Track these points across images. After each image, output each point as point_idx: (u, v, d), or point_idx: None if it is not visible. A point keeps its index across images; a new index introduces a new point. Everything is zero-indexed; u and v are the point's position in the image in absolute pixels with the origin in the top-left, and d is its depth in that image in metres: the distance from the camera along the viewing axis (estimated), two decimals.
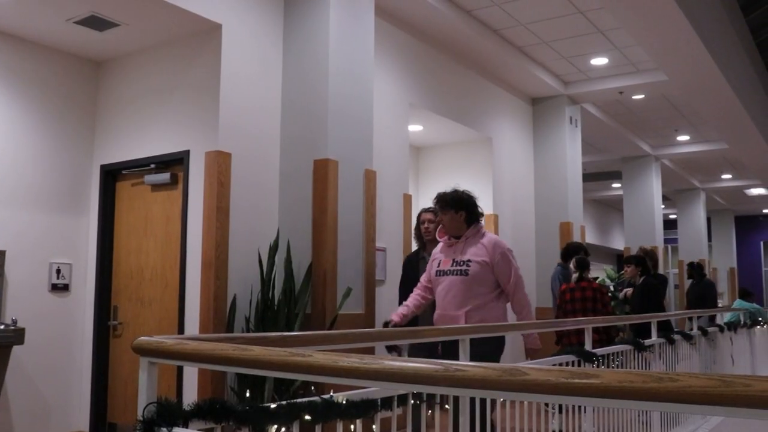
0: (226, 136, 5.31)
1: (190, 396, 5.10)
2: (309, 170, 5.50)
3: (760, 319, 10.27)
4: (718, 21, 8.43)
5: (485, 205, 8.80)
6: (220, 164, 5.20)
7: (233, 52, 5.42)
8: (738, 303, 11.88)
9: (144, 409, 1.76)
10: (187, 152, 5.45)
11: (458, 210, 4.39)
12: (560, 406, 4.55)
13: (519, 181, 9.60)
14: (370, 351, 5.04)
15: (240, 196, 5.35)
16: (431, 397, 2.70)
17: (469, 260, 4.33)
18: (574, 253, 7.64)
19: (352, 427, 2.29)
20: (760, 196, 18.87)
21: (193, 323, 5.21)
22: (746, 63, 10.61)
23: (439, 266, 4.47)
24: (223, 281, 5.13)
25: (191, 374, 5.16)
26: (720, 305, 17.46)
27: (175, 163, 5.59)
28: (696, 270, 10.74)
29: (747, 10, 10.75)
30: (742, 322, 9.01)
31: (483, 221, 4.60)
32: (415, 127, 8.32)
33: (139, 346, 1.77)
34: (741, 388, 1.02)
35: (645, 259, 7.60)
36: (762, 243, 22.41)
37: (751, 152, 12.44)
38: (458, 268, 4.36)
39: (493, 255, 4.34)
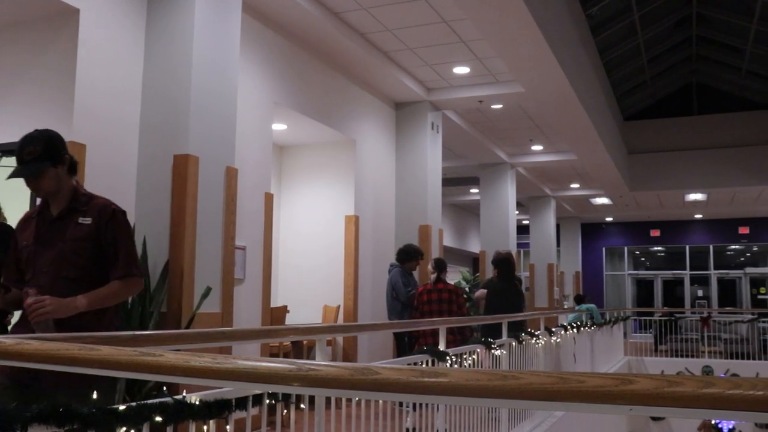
0: (82, 126, 5.06)
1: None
2: (168, 165, 5.34)
3: (595, 320, 10.99)
4: (571, 40, 8.94)
5: (346, 206, 8.87)
6: (73, 156, 4.93)
7: (91, 39, 5.17)
8: (580, 306, 12.73)
9: None
10: None
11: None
12: (414, 405, 4.66)
13: (380, 183, 9.74)
14: (227, 351, 4.96)
15: (94, 189, 5.08)
16: (287, 396, 2.70)
17: None
18: (413, 255, 7.83)
19: (205, 428, 2.25)
20: (603, 205, 20.11)
21: None
22: (594, 81, 11.31)
23: None
24: None
25: None
26: (566, 307, 18.50)
27: None
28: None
29: (596, 32, 11.47)
30: (584, 323, 9.59)
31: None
32: (279, 126, 8.27)
33: None
34: (576, 384, 1.07)
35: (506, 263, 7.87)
36: (604, 249, 23.92)
37: (597, 164, 13.27)
38: None
39: None
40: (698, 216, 21.78)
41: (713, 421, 13.01)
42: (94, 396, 2.34)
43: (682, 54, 14.98)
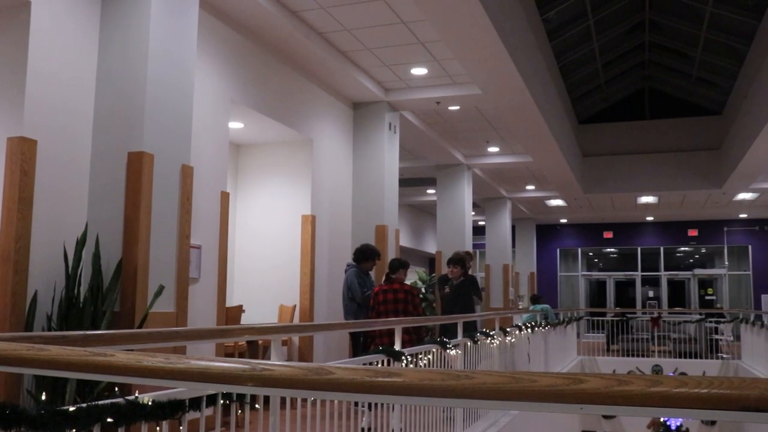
0: (33, 122, 4.95)
1: None
2: (122, 162, 5.25)
3: (552, 320, 11.15)
4: (528, 43, 9.04)
5: (303, 206, 8.85)
6: (24, 152, 4.83)
7: (43, 33, 5.06)
8: (534, 306, 12.91)
9: None
10: None
11: None
12: (369, 404, 4.66)
13: (337, 183, 9.73)
14: (181, 350, 4.90)
15: (45, 186, 5.01)
16: (242, 397, 2.68)
17: None
18: (370, 255, 7.86)
19: (158, 428, 2.22)
20: (558, 207, 20.38)
21: None
22: (550, 84, 11.45)
23: None
24: (22, 276, 4.78)
25: None
26: (521, 307, 18.71)
27: None
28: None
29: (552, 36, 11.63)
30: (539, 322, 9.72)
31: None
32: (235, 124, 8.20)
33: None
34: (528, 384, 1.09)
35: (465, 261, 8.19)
36: (558, 250, 24.24)
37: (552, 166, 13.44)
38: None
39: None
40: (650, 218, 22.20)
41: (662, 419, 13.29)
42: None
43: (635, 59, 15.25)
